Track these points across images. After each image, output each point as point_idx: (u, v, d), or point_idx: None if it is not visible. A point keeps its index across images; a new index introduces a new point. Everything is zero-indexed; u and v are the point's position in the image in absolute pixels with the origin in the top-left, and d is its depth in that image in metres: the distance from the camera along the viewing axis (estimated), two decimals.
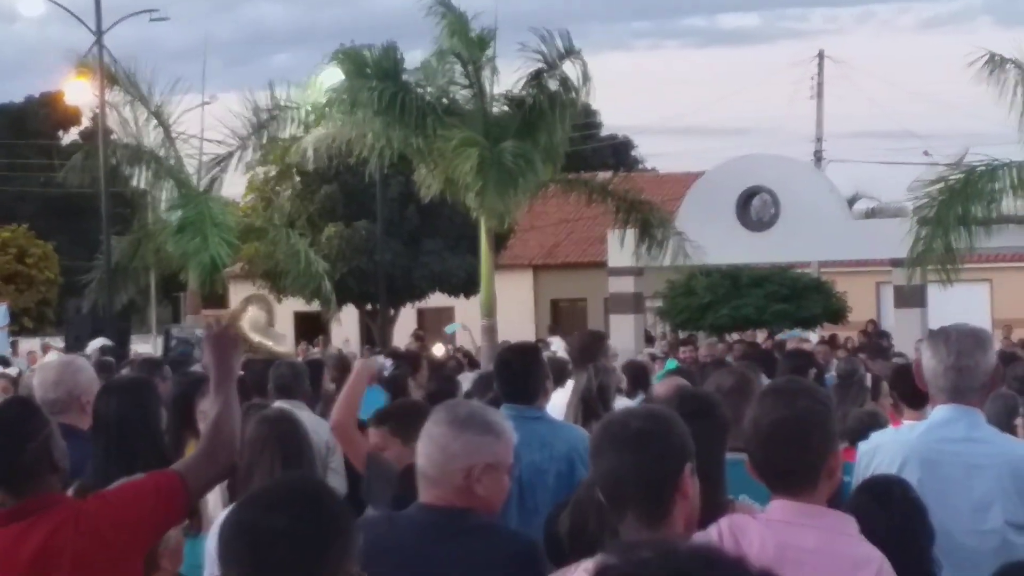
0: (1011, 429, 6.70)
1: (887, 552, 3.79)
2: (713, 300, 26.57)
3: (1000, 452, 4.57)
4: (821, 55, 45.77)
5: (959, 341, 4.65)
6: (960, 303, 24.78)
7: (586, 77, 22.03)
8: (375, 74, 21.70)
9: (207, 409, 4.51)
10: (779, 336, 24.96)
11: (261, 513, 2.68)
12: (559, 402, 6.80)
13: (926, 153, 40.17)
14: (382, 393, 9.91)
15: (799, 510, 3.56)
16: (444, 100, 22.09)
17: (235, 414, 4.08)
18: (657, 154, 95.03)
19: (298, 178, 29.75)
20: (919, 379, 4.78)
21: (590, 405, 6.51)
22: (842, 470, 3.76)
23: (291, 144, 24.63)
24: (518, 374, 6.16)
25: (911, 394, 6.43)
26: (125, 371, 10.37)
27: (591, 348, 7.05)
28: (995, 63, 21.10)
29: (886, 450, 4.66)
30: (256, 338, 4.38)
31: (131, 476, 4.11)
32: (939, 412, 4.66)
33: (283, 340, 4.76)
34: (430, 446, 3.85)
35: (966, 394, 4.62)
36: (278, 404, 7.28)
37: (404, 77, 22.17)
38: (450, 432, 3.83)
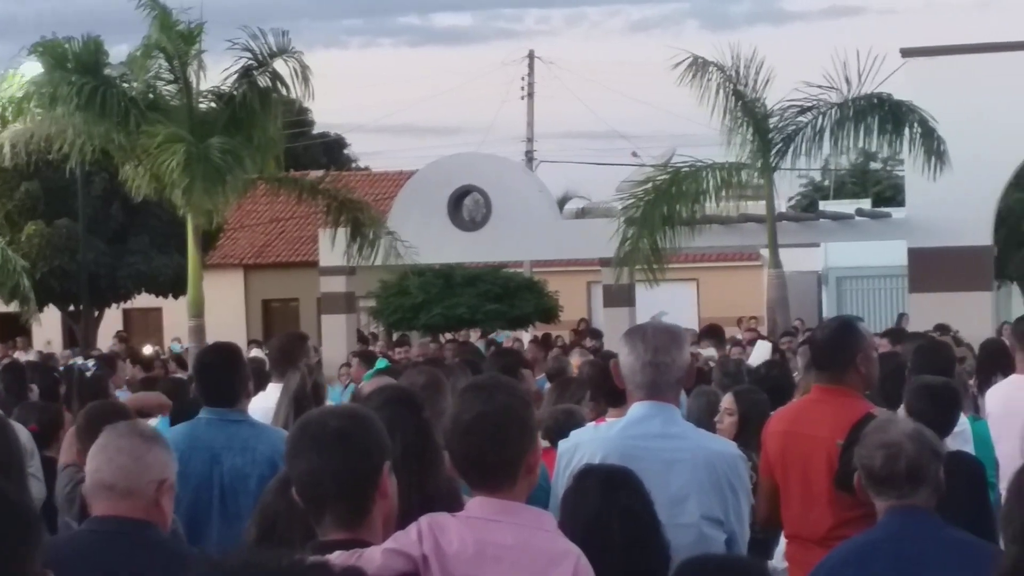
0: (711, 426, 6.89)
1: (623, 539, 3.85)
2: (426, 300, 26.68)
3: (695, 447, 4.68)
4: (531, 55, 46.33)
5: (655, 338, 4.73)
6: (668, 302, 25.61)
7: (305, 76, 21.76)
8: (76, 68, 20.97)
9: None
10: (491, 336, 25.27)
11: None
12: (259, 405, 6.66)
13: (634, 154, 41.17)
14: None
15: (497, 507, 3.57)
16: (150, 95, 21.51)
17: None
18: (370, 153, 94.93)
19: None
20: (616, 377, 4.85)
21: (304, 405, 6.40)
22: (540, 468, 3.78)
23: None
24: (219, 376, 6.01)
25: (611, 392, 6.51)
26: None
27: (294, 350, 6.93)
28: (699, 66, 21.67)
29: (585, 447, 4.72)
30: None
31: None
32: (636, 409, 4.74)
33: None
34: (120, 457, 3.81)
35: (663, 390, 4.71)
36: None
37: (107, 71, 21.50)
38: (142, 444, 3.84)
